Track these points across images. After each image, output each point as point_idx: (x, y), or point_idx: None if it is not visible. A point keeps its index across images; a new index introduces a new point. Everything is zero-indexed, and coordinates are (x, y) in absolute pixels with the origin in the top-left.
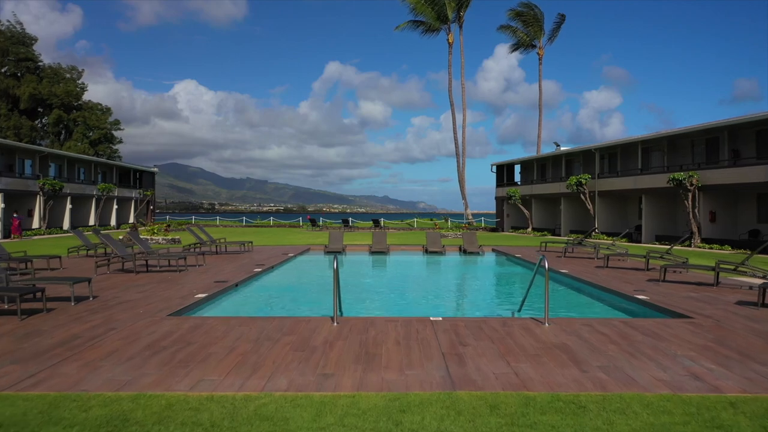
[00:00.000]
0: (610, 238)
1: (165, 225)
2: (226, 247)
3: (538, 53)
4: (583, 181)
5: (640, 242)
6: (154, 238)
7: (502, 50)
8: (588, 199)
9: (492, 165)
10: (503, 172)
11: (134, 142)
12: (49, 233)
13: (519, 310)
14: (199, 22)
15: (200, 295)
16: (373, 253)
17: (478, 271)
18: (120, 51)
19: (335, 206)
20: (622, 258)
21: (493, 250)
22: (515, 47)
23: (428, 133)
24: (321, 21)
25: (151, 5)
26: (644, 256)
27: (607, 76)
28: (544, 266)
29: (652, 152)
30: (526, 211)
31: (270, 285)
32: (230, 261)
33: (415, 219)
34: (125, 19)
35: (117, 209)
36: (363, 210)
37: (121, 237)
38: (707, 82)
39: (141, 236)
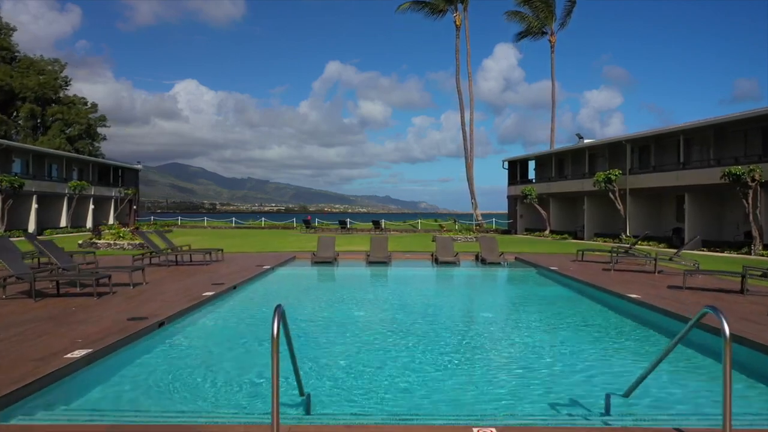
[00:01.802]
0: (646, 242)
1: (133, 227)
2: (191, 256)
3: (549, 40)
4: (613, 178)
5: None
6: (118, 242)
7: (502, 50)
8: (618, 198)
9: (503, 161)
10: (516, 169)
11: (134, 142)
12: (8, 236)
13: (627, 394)
14: (198, 22)
15: (75, 354)
16: (370, 263)
17: (511, 295)
18: (120, 51)
19: (336, 206)
20: (691, 274)
21: (517, 259)
22: (523, 34)
23: (428, 133)
24: (321, 21)
25: (149, 5)
26: (740, 275)
27: (607, 76)
28: (724, 331)
29: (693, 144)
30: (543, 211)
31: (212, 324)
32: (184, 277)
33: (419, 220)
34: (124, 19)
35: (93, 209)
36: (365, 210)
37: (80, 242)
38: (707, 82)
39: (101, 240)
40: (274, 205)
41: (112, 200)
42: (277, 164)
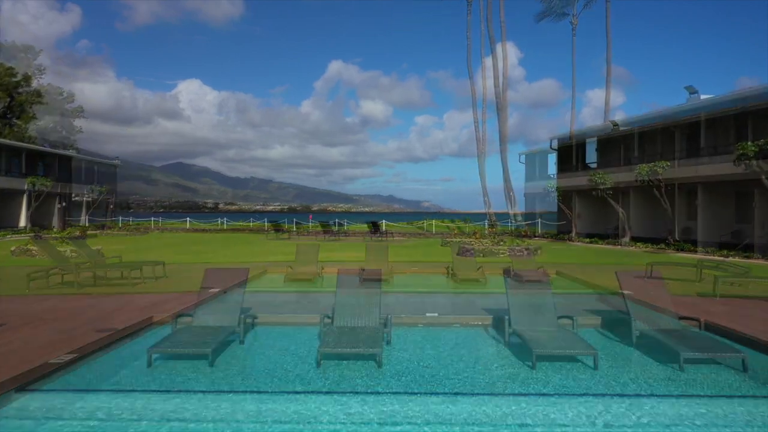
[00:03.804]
0: (711, 249)
1: (80, 229)
2: (122, 272)
3: (571, 23)
4: (659, 170)
5: (753, 256)
6: (59, 249)
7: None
8: (664, 193)
9: (520, 154)
10: (534, 163)
11: (137, 142)
12: None
13: None
14: (197, 21)
15: None
16: (364, 281)
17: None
18: (120, 51)
19: (340, 205)
20: None
21: (558, 273)
22: (543, 15)
23: (431, 132)
24: (321, 21)
25: (148, 5)
26: None
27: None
28: None
29: (759, 126)
30: (567, 210)
31: None
32: (70, 313)
33: (428, 221)
34: (122, 19)
35: (59, 208)
36: (368, 209)
37: (13, 248)
38: (707, 82)
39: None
40: (277, 204)
41: (84, 198)
42: (280, 164)
